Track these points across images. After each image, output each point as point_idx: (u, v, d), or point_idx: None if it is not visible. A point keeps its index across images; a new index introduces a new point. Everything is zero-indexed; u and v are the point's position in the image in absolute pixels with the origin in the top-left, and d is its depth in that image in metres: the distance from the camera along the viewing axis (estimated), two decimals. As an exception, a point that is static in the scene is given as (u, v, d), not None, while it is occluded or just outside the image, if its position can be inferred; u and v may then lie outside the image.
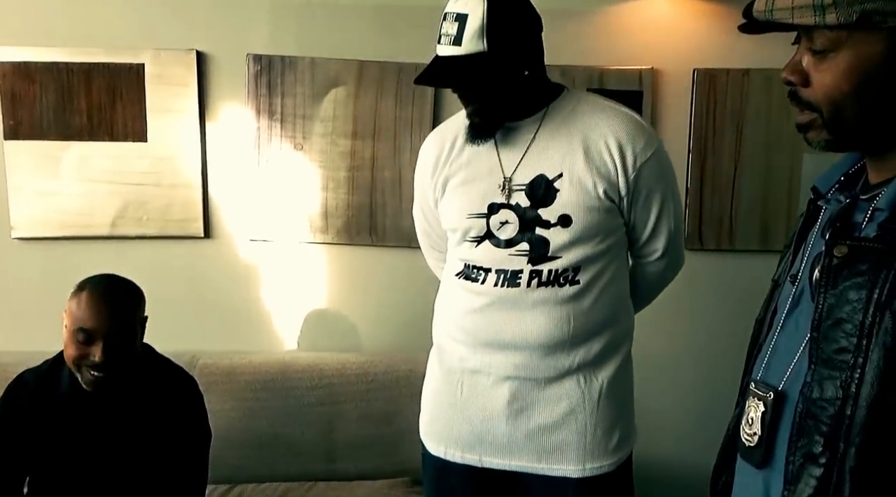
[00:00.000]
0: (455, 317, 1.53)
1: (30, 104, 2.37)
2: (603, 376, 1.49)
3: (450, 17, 1.34)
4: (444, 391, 1.56)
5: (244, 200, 2.44)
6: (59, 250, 2.45)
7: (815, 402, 0.77)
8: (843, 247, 0.77)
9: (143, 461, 1.66)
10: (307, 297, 2.51)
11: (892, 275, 0.72)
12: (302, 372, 2.32)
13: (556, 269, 1.43)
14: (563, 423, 1.47)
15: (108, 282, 1.68)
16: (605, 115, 1.46)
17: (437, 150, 1.54)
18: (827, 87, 0.78)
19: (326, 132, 2.42)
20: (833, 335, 0.76)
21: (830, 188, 0.89)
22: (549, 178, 1.43)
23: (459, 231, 1.49)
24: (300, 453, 2.24)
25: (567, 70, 2.40)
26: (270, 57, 2.38)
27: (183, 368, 1.82)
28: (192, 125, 2.39)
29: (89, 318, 1.59)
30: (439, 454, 1.56)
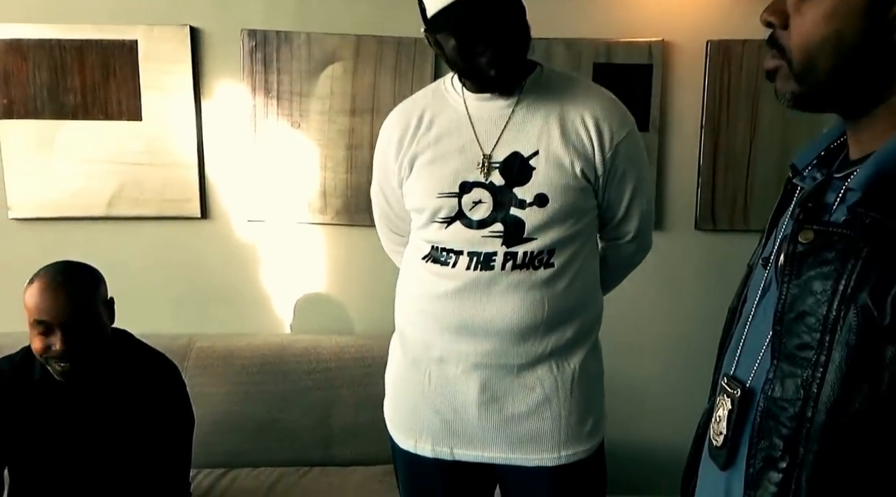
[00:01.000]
0: (420, 303, 1.46)
1: (23, 83, 2.32)
2: (575, 362, 1.44)
3: None
4: (410, 380, 1.49)
5: (241, 180, 2.39)
6: (56, 231, 2.41)
7: (775, 402, 0.69)
8: (809, 232, 0.68)
9: (123, 448, 1.62)
10: (306, 278, 2.46)
11: (859, 265, 0.63)
12: (299, 355, 2.27)
13: (532, 251, 1.37)
14: (537, 412, 1.42)
15: (60, 269, 1.61)
16: (582, 93, 1.41)
17: (401, 128, 1.46)
18: (804, 29, 0.69)
19: (324, 110, 2.35)
20: (796, 329, 0.68)
21: (808, 164, 0.80)
22: (525, 155, 1.37)
23: (427, 211, 1.41)
24: (296, 438, 2.20)
25: (572, 43, 2.31)
26: (265, 32, 2.31)
27: (162, 353, 1.76)
28: (187, 103, 2.34)
29: (44, 308, 1.53)
30: (409, 448, 1.50)
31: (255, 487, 2.08)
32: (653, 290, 2.46)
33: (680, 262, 2.44)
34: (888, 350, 0.61)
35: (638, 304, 2.46)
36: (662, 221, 2.43)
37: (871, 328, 0.62)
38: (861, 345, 0.63)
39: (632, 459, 2.44)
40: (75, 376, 1.57)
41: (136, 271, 2.41)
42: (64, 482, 1.63)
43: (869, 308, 0.62)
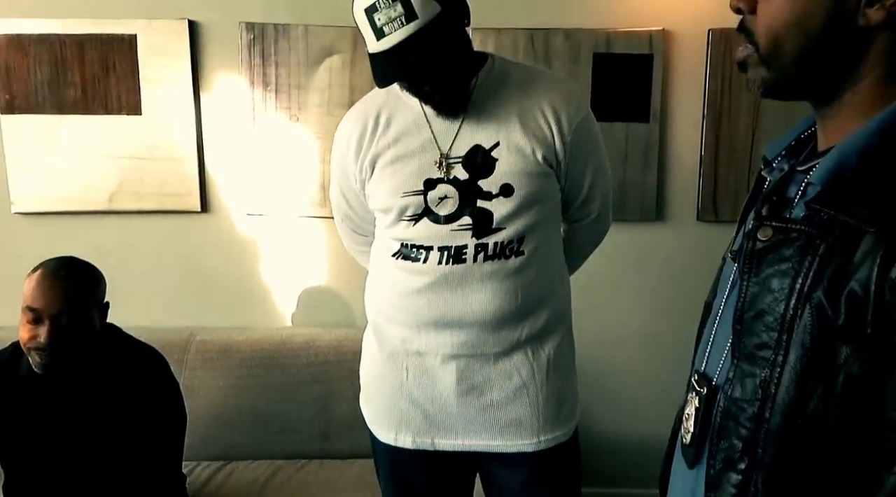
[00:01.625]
0: (393, 299, 1.46)
1: (24, 77, 2.34)
2: (549, 348, 1.46)
3: (382, 3, 1.22)
4: (388, 375, 1.49)
5: (240, 174, 2.39)
6: (58, 225, 2.43)
7: (735, 402, 0.68)
8: (768, 228, 0.67)
9: (112, 441, 1.62)
10: (305, 272, 2.46)
11: (816, 262, 0.62)
12: (297, 349, 2.27)
13: (502, 241, 1.38)
14: (516, 398, 1.44)
15: (63, 263, 1.63)
16: (537, 81, 1.42)
17: (359, 130, 1.45)
18: (771, 13, 0.68)
19: (322, 102, 2.35)
20: (755, 328, 0.66)
21: (777, 155, 0.78)
22: (486, 147, 1.38)
23: (394, 210, 1.41)
24: (294, 431, 2.20)
25: (571, 33, 2.28)
26: (263, 25, 2.30)
27: (151, 347, 1.77)
28: (186, 97, 2.34)
29: (38, 297, 1.54)
30: (389, 441, 1.50)
31: (253, 480, 2.08)
32: (655, 282, 2.44)
33: (682, 253, 2.41)
34: (842, 350, 0.59)
35: (641, 295, 2.44)
36: (664, 213, 2.41)
37: (826, 328, 0.60)
38: (815, 345, 0.61)
39: (610, 451, 2.45)
40: (54, 371, 1.57)
41: (137, 265, 2.42)
42: (56, 477, 1.63)
43: (823, 307, 0.60)
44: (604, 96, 2.30)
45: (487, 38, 2.29)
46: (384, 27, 1.24)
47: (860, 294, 0.58)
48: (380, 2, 1.23)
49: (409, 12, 1.22)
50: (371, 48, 1.28)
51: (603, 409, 2.47)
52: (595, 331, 2.24)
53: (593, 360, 2.18)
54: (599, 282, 2.30)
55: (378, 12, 1.23)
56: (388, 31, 1.24)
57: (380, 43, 1.25)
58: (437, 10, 1.23)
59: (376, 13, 1.23)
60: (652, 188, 2.38)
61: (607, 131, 2.29)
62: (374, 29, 1.25)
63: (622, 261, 2.39)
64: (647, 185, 2.37)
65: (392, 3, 1.22)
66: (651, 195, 2.38)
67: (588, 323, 2.09)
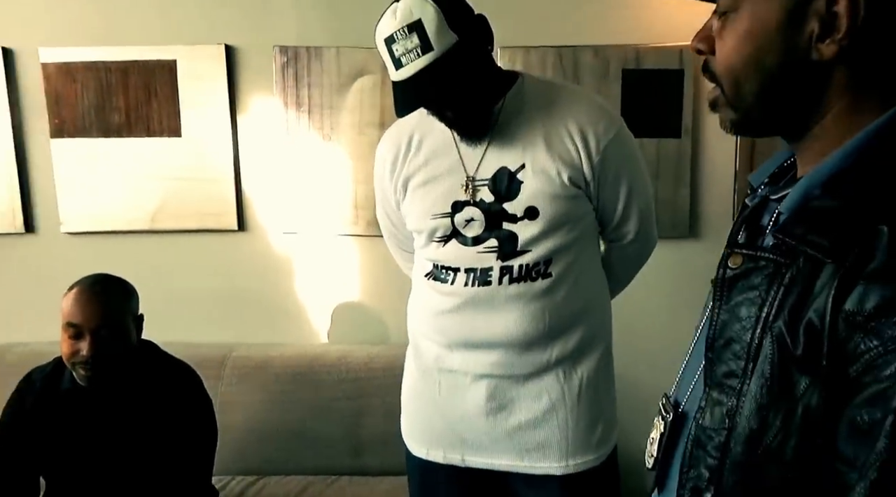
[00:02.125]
0: (427, 318, 1.48)
1: (72, 103, 2.44)
2: (582, 370, 1.44)
3: (399, 34, 1.24)
4: (422, 390, 1.52)
5: (276, 193, 2.45)
6: (104, 244, 2.52)
7: (704, 431, 0.67)
8: (738, 256, 0.66)
9: (146, 455, 1.68)
10: (338, 289, 2.50)
11: (781, 291, 0.61)
12: (330, 365, 2.31)
13: (527, 263, 1.38)
14: (544, 420, 1.43)
15: (98, 280, 1.71)
16: (565, 100, 1.40)
17: (393, 151, 1.48)
18: (726, 54, 0.68)
19: (354, 122, 2.39)
20: (724, 356, 0.66)
21: (761, 182, 0.77)
22: (512, 169, 1.37)
23: (425, 232, 1.44)
24: (326, 447, 2.23)
25: (600, 50, 2.28)
26: (297, 48, 2.36)
27: (186, 363, 1.83)
28: (224, 119, 2.42)
29: (77, 313, 1.62)
30: (421, 455, 1.52)
31: (284, 495, 2.11)
32: (689, 299, 2.39)
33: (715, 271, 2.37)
34: (801, 381, 0.58)
35: (675, 312, 2.40)
36: (697, 229, 2.38)
37: (786, 358, 0.60)
38: (775, 375, 0.60)
39: None
40: (98, 383, 1.64)
41: (177, 282, 2.50)
42: (93, 488, 1.70)
43: (784, 336, 0.60)
44: (634, 112, 2.28)
45: (516, 56, 2.30)
46: (401, 58, 1.26)
47: (817, 325, 0.58)
48: (397, 33, 1.25)
49: (425, 44, 1.24)
50: (392, 77, 1.30)
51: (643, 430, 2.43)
52: (629, 349, 2.21)
53: (628, 380, 2.15)
54: (632, 299, 2.27)
55: (396, 43, 1.26)
56: (405, 62, 1.26)
57: (398, 72, 1.27)
58: (454, 40, 1.25)
59: (394, 44, 1.26)
60: (684, 204, 2.34)
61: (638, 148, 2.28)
62: (393, 59, 1.27)
63: (655, 278, 2.35)
64: (679, 201, 2.34)
65: (408, 35, 1.24)
66: (684, 211, 2.35)
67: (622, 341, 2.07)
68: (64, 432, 1.70)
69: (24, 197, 2.50)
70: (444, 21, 1.23)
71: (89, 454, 1.69)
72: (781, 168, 0.76)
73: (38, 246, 2.54)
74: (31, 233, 2.53)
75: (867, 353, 0.54)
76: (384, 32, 1.27)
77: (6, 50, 2.42)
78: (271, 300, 2.51)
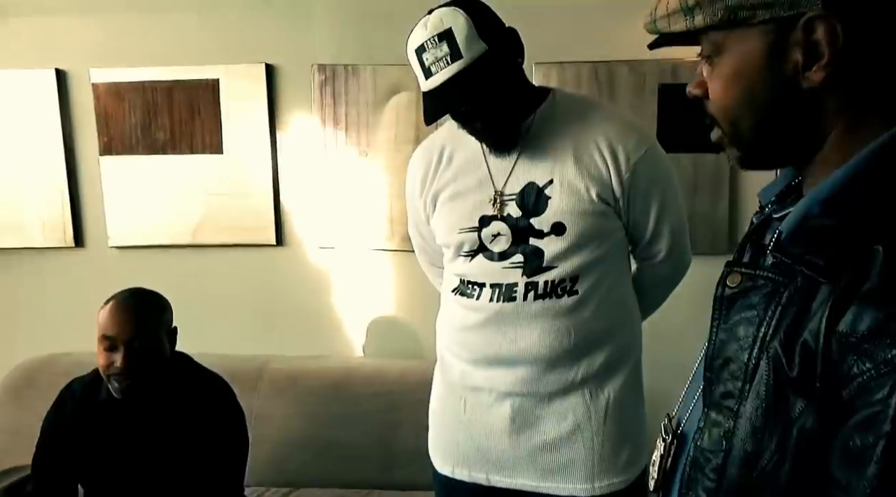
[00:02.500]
0: (454, 334, 1.48)
1: (120, 122, 2.53)
2: (610, 389, 1.41)
3: (430, 43, 1.26)
4: (447, 407, 1.51)
5: (313, 209, 2.49)
6: (147, 258, 2.60)
7: (702, 452, 0.66)
8: (737, 275, 0.66)
9: (179, 466, 1.71)
10: (373, 303, 2.52)
11: (778, 311, 0.60)
12: (364, 379, 2.32)
13: (553, 279, 1.36)
14: (570, 441, 1.40)
15: (132, 293, 1.75)
16: (594, 117, 1.39)
17: (424, 166, 1.49)
18: (718, 96, 0.68)
19: (390, 139, 2.42)
20: (721, 376, 0.65)
21: (769, 200, 0.76)
22: (540, 185, 1.37)
23: (453, 246, 1.44)
24: (358, 460, 2.24)
25: (635, 65, 2.26)
26: (334, 66, 2.41)
27: (219, 376, 1.85)
28: (264, 136, 2.47)
29: (111, 325, 1.66)
30: (447, 472, 1.51)
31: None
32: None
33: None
34: (797, 403, 0.57)
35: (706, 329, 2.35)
36: (737, 244, 2.32)
37: (781, 379, 0.58)
38: (771, 397, 0.59)
39: None
40: (133, 394, 1.68)
41: (216, 295, 2.56)
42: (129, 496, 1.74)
43: (779, 357, 0.58)
44: (670, 128, 2.25)
45: (550, 71, 2.30)
46: (431, 66, 1.27)
47: (812, 346, 0.56)
48: (427, 42, 1.27)
49: (455, 52, 1.25)
50: (423, 87, 1.32)
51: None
52: (664, 368, 2.17)
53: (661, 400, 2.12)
54: (668, 316, 2.23)
55: (426, 52, 1.27)
56: (434, 71, 1.27)
57: (428, 82, 1.29)
58: (484, 48, 1.26)
59: (425, 53, 1.28)
60: (723, 220, 2.30)
61: (674, 163, 2.22)
62: (423, 68, 1.29)
63: (692, 295, 2.30)
64: (717, 216, 2.30)
65: (438, 44, 1.25)
66: (722, 227, 2.30)
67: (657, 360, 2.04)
68: (100, 442, 1.74)
69: (75, 212, 2.59)
70: (474, 30, 1.25)
71: (124, 464, 1.73)
72: (789, 187, 0.75)
73: (86, 260, 2.63)
74: (81, 247, 2.62)
75: (860, 375, 0.53)
76: (415, 43, 1.29)
77: (60, 72, 2.53)
78: (307, 314, 2.54)
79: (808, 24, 0.60)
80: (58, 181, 2.57)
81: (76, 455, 1.75)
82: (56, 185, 2.57)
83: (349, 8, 2.40)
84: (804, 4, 0.60)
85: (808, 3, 0.60)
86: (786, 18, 0.61)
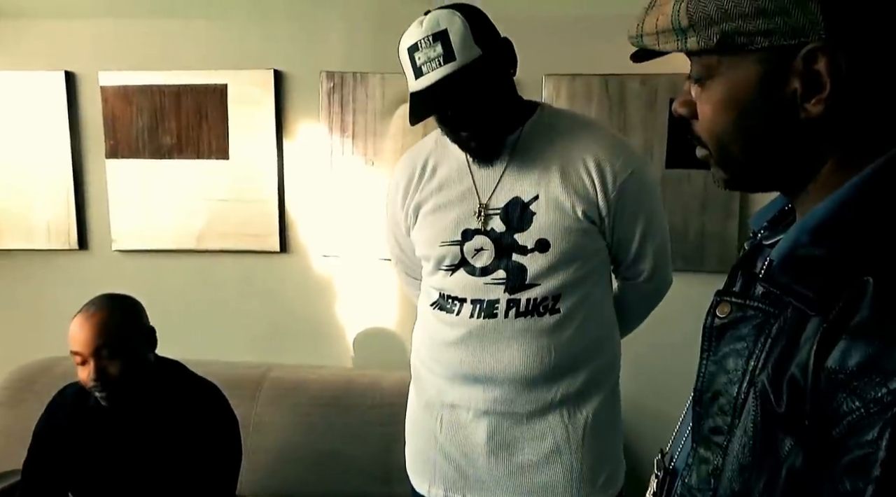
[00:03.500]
0: (431, 349, 1.45)
1: (127, 125, 2.53)
2: (588, 410, 1.39)
3: (424, 42, 1.25)
4: (424, 425, 1.49)
5: (318, 216, 2.47)
6: (151, 262, 2.59)
7: (689, 490, 0.63)
8: (727, 305, 0.63)
9: (169, 475, 1.69)
10: (376, 313, 2.50)
11: (768, 344, 0.57)
12: (364, 390, 2.30)
13: (535, 297, 1.34)
14: (548, 462, 1.38)
15: (95, 302, 1.69)
16: (583, 134, 1.37)
17: (407, 176, 1.47)
18: (707, 120, 0.65)
19: (396, 148, 2.40)
20: (710, 411, 0.62)
21: (761, 226, 0.73)
22: (525, 200, 1.34)
23: (433, 259, 1.41)
24: (357, 472, 2.21)
25: (647, 79, 2.24)
26: (343, 73, 2.39)
27: (212, 383, 1.82)
28: (270, 143, 2.46)
29: (76, 340, 1.62)
30: (423, 492, 1.49)
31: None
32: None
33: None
34: (785, 441, 0.54)
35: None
36: (747, 264, 2.29)
37: (768, 415, 0.55)
38: (758, 434, 0.56)
39: None
40: (118, 403, 1.65)
41: (219, 301, 2.54)
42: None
43: (766, 391, 0.55)
44: (681, 142, 2.22)
45: (560, 83, 2.28)
46: (423, 66, 1.26)
47: (800, 380, 0.53)
48: (421, 41, 1.26)
49: (448, 53, 1.24)
50: (411, 87, 1.30)
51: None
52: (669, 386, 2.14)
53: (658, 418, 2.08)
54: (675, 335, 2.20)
55: (419, 51, 1.26)
56: (426, 71, 1.26)
57: (418, 82, 1.28)
58: (478, 54, 1.25)
59: (417, 52, 1.26)
60: (733, 237, 2.26)
61: (684, 179, 2.22)
62: (414, 68, 1.28)
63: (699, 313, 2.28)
64: (727, 234, 2.26)
65: (432, 44, 1.24)
66: (731, 244, 2.26)
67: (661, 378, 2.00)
68: (90, 448, 1.71)
69: (79, 215, 2.58)
70: (469, 34, 1.24)
71: (114, 470, 1.70)
72: (782, 212, 0.72)
73: (90, 262, 2.62)
74: (84, 249, 2.61)
75: (850, 414, 0.50)
76: (408, 41, 1.28)
77: (69, 74, 2.53)
78: (310, 322, 2.52)
79: (810, 55, 0.58)
80: (64, 183, 2.56)
81: (66, 461, 1.73)
82: (62, 187, 2.56)
83: (358, 15, 2.38)
84: (806, 34, 0.57)
85: (810, 33, 0.57)
86: (786, 47, 0.59)
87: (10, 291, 2.66)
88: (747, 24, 0.59)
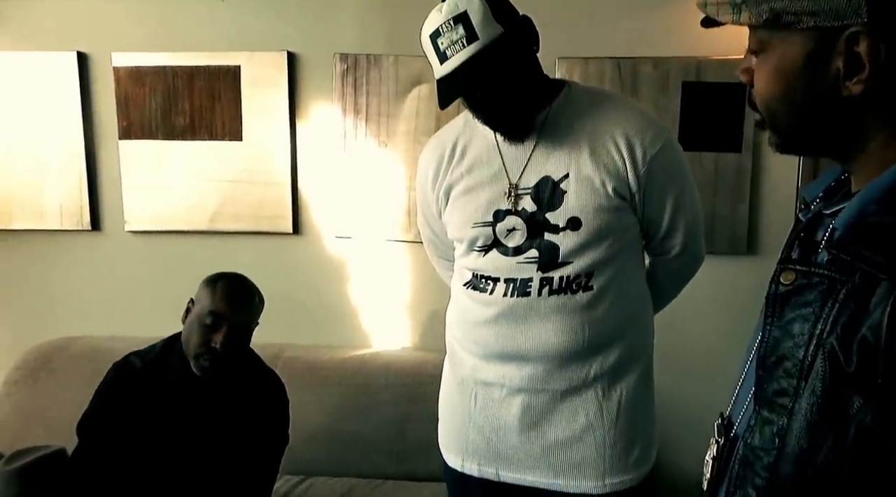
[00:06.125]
0: (465, 328, 1.46)
1: (140, 106, 2.53)
2: (622, 387, 1.40)
3: (445, 27, 1.25)
4: (458, 402, 1.50)
5: (331, 198, 2.49)
6: (164, 243, 2.60)
7: (753, 450, 0.66)
8: (791, 272, 0.66)
9: (221, 451, 1.73)
10: (389, 294, 2.52)
11: (836, 308, 0.59)
12: (378, 369, 2.32)
13: (568, 275, 1.35)
14: (581, 438, 1.39)
15: (243, 280, 1.81)
16: (612, 110, 1.37)
17: (436, 159, 1.47)
18: (761, 89, 0.71)
19: (409, 130, 2.41)
20: (775, 374, 0.65)
21: (815, 197, 0.76)
22: (555, 179, 1.35)
23: (466, 241, 1.42)
24: (372, 451, 2.24)
25: (660, 62, 2.25)
26: (356, 55, 2.40)
27: (277, 375, 1.89)
28: (283, 124, 2.47)
29: (223, 305, 1.70)
30: (457, 467, 1.51)
31: (329, 496, 2.13)
32: (745, 317, 2.33)
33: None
34: (854, 400, 0.57)
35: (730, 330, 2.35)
36: (756, 246, 2.32)
37: (838, 376, 0.58)
38: (827, 393, 0.59)
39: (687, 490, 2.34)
40: (214, 374, 1.71)
41: (232, 282, 2.55)
42: (160, 471, 1.73)
43: (836, 353, 0.58)
44: (693, 126, 2.25)
45: (574, 66, 2.29)
46: (447, 50, 1.26)
47: (872, 342, 0.56)
48: (443, 26, 1.26)
49: (471, 34, 1.24)
50: (437, 73, 1.30)
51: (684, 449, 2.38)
52: (678, 366, 2.17)
53: (675, 397, 2.11)
54: (684, 316, 2.23)
55: (441, 36, 1.26)
56: (450, 55, 1.26)
57: (443, 66, 1.28)
58: (500, 31, 1.25)
59: (440, 37, 1.27)
60: (743, 220, 2.29)
61: (695, 162, 2.24)
62: (438, 53, 1.28)
63: (709, 295, 2.31)
64: (737, 216, 2.29)
65: (454, 27, 1.25)
66: (742, 227, 2.29)
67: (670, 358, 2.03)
68: (158, 419, 1.74)
69: (92, 196, 2.59)
70: (489, 13, 1.24)
71: (174, 438, 1.73)
72: (837, 182, 0.75)
73: (103, 243, 2.63)
74: (97, 230, 2.63)
75: None
76: (430, 28, 1.28)
77: (81, 54, 2.53)
78: (323, 303, 2.54)
79: (852, 37, 0.62)
80: (76, 164, 2.57)
81: (132, 424, 1.74)
82: (75, 168, 2.57)
83: (373, -3, 2.39)
84: (849, 17, 0.62)
85: (853, 17, 0.61)
86: (830, 28, 0.63)
87: (23, 272, 2.68)
88: (795, 4, 0.64)
